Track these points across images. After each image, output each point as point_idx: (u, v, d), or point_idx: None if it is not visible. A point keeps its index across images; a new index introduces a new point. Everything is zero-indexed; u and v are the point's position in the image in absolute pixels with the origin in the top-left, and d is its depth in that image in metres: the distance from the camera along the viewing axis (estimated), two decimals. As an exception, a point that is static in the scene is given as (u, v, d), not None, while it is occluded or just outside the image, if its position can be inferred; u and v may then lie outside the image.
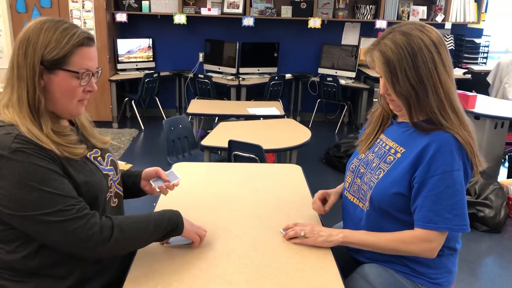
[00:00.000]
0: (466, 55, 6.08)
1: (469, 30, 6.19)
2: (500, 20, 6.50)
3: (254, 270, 1.28)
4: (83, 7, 5.32)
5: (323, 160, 4.71)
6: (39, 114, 1.17)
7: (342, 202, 1.61)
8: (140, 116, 5.76)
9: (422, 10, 5.89)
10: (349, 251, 1.53)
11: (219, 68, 5.91)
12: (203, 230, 1.39)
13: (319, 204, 1.61)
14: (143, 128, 5.67)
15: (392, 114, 1.50)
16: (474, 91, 4.29)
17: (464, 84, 5.46)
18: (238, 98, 5.54)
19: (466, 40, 6.05)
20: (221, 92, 5.65)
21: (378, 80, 1.42)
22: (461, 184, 1.28)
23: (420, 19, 5.83)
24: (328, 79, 5.62)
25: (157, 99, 5.93)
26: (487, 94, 5.23)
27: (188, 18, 5.73)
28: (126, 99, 5.90)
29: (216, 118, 5.02)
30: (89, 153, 1.29)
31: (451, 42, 6.16)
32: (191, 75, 5.85)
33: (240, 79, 5.69)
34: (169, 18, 5.79)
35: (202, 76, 5.52)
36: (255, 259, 1.33)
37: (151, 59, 6.01)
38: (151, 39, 5.95)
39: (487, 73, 5.48)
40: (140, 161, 4.57)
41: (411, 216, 1.35)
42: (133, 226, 1.21)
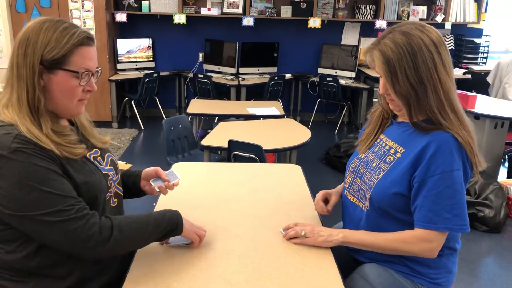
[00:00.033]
0: (466, 55, 6.08)
1: (469, 30, 6.19)
2: (500, 20, 6.50)
3: (254, 270, 1.28)
4: (82, 7, 5.32)
5: (323, 160, 4.71)
6: (39, 114, 1.16)
7: (342, 202, 1.61)
8: (139, 116, 5.75)
9: (422, 10, 5.89)
10: (349, 251, 1.53)
11: (219, 68, 5.90)
12: (202, 230, 1.39)
13: (321, 205, 1.60)
14: (142, 128, 5.67)
15: (392, 114, 1.50)
16: (474, 91, 4.29)
17: (464, 84, 5.46)
18: (238, 98, 5.54)
19: (466, 40, 6.05)
20: (221, 92, 5.65)
21: (378, 80, 1.41)
22: (460, 184, 1.28)
23: (420, 19, 5.83)
24: (328, 79, 5.62)
25: (157, 99, 5.92)
26: (487, 94, 5.24)
27: (188, 18, 5.73)
28: (126, 99, 5.90)
29: (216, 118, 5.02)
30: (88, 153, 1.29)
31: (451, 42, 6.16)
32: (191, 75, 5.85)
33: (240, 79, 5.69)
34: (169, 18, 5.79)
35: (202, 76, 5.52)
36: (255, 259, 1.33)
37: (151, 59, 6.01)
38: (151, 39, 5.95)
39: (487, 73, 5.48)
40: (139, 161, 4.57)
41: (411, 216, 1.35)
42: (132, 226, 1.21)
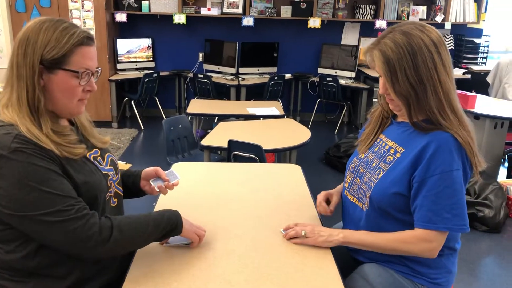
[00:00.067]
0: (465, 55, 6.08)
1: (468, 30, 6.19)
2: (499, 20, 6.50)
3: (254, 270, 1.28)
4: (82, 7, 5.32)
5: (323, 160, 4.71)
6: (39, 114, 1.16)
7: (342, 202, 1.61)
8: (139, 116, 5.75)
9: (422, 10, 5.89)
10: (349, 251, 1.53)
11: (219, 68, 5.90)
12: (202, 230, 1.39)
13: (324, 206, 1.60)
14: (142, 128, 5.67)
15: (391, 114, 1.50)
16: (473, 91, 4.30)
17: (464, 84, 5.46)
18: (238, 98, 5.53)
19: (465, 40, 6.05)
20: (220, 92, 5.65)
21: (378, 80, 1.41)
22: (460, 184, 1.28)
23: (420, 19, 5.83)
24: (328, 79, 5.62)
25: (156, 99, 5.92)
26: (487, 94, 5.24)
27: (188, 18, 5.73)
28: (126, 99, 5.90)
29: (216, 118, 5.02)
30: (88, 153, 1.28)
31: (451, 42, 6.16)
32: (190, 75, 5.85)
33: (240, 79, 5.68)
34: (168, 18, 5.79)
35: (202, 76, 5.51)
36: (255, 259, 1.33)
37: (151, 59, 6.01)
38: (150, 39, 5.95)
39: (486, 73, 5.48)
40: (139, 161, 4.57)
41: (411, 216, 1.35)
42: (132, 226, 1.21)
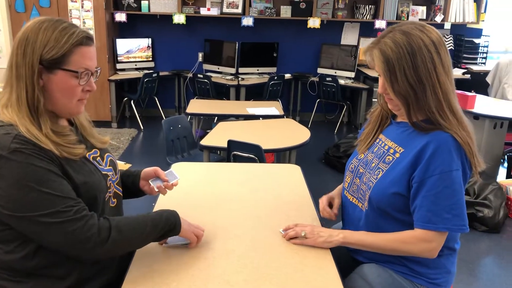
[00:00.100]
0: (465, 55, 6.08)
1: (468, 30, 6.19)
2: (499, 20, 6.51)
3: (253, 270, 1.28)
4: (82, 7, 5.32)
5: (323, 160, 4.71)
6: (38, 114, 1.16)
7: (342, 202, 1.61)
8: (139, 116, 5.75)
9: (422, 10, 5.89)
10: (348, 251, 1.53)
11: (219, 68, 5.90)
12: (200, 229, 1.39)
13: (329, 211, 1.60)
14: (142, 128, 5.67)
15: (391, 114, 1.50)
16: (473, 91, 4.30)
17: (463, 84, 5.46)
18: (238, 98, 5.53)
19: (465, 40, 6.05)
20: (220, 92, 5.65)
21: (377, 80, 1.41)
22: (459, 184, 1.28)
23: (419, 19, 5.83)
24: (328, 79, 5.62)
25: (156, 99, 5.92)
26: (486, 94, 5.24)
27: (188, 18, 5.73)
28: (125, 99, 5.89)
29: (216, 118, 5.02)
30: (88, 153, 1.28)
31: (450, 42, 6.16)
32: (190, 75, 5.85)
33: (240, 79, 5.68)
34: (168, 18, 5.79)
35: (202, 76, 5.51)
36: (254, 259, 1.33)
37: (150, 59, 6.00)
38: (150, 39, 5.94)
39: (486, 73, 5.48)
40: (139, 161, 4.57)
41: (410, 216, 1.35)
42: (130, 227, 1.21)
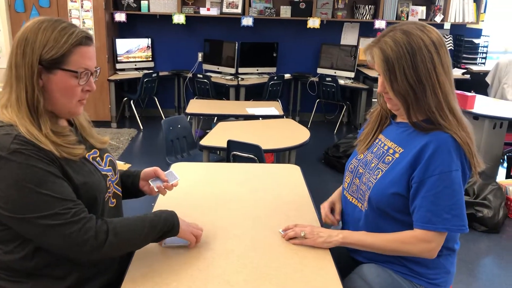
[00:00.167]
0: (465, 55, 6.08)
1: (468, 30, 6.19)
2: (499, 20, 6.51)
3: (253, 270, 1.28)
4: (82, 7, 5.32)
5: (322, 160, 4.71)
6: (38, 114, 1.16)
7: (341, 202, 1.61)
8: (139, 116, 5.75)
9: (421, 10, 5.89)
10: (347, 251, 1.53)
11: (218, 68, 5.90)
12: (199, 229, 1.39)
13: (331, 218, 1.60)
14: (141, 128, 5.67)
15: (390, 114, 1.50)
16: (473, 91, 4.30)
17: (463, 84, 5.47)
18: (237, 98, 5.53)
19: (465, 40, 6.06)
20: (220, 92, 5.65)
21: (377, 80, 1.41)
22: (459, 184, 1.28)
23: (419, 19, 5.83)
24: (327, 79, 5.62)
25: (156, 99, 5.92)
26: (486, 94, 5.25)
27: (187, 18, 5.73)
28: (125, 99, 5.89)
29: (215, 118, 5.02)
30: (87, 153, 1.28)
31: (450, 42, 6.16)
32: (190, 75, 5.85)
33: (239, 79, 5.68)
34: (168, 18, 5.79)
35: (201, 76, 5.51)
36: (254, 259, 1.33)
37: (150, 59, 6.00)
38: (150, 39, 5.94)
39: (486, 73, 5.49)
40: (138, 161, 4.57)
41: (409, 217, 1.35)
42: (128, 228, 1.21)
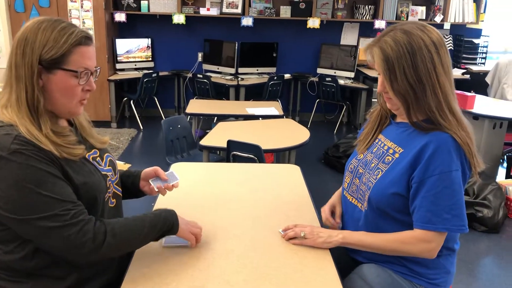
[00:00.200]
0: (464, 55, 6.08)
1: (467, 31, 6.19)
2: (498, 20, 6.51)
3: (252, 270, 1.28)
4: (81, 7, 5.32)
5: (322, 160, 4.71)
6: (38, 114, 1.16)
7: (341, 202, 1.61)
8: (138, 116, 5.75)
9: (421, 10, 5.89)
10: (347, 251, 1.53)
11: (218, 68, 5.90)
12: (198, 227, 1.38)
13: (332, 221, 1.60)
14: (141, 128, 5.67)
15: (390, 113, 1.50)
16: (472, 91, 4.30)
17: (463, 84, 5.47)
18: (237, 98, 5.53)
19: (464, 41, 6.06)
20: (220, 92, 5.65)
21: (377, 80, 1.41)
22: (459, 184, 1.28)
23: (419, 19, 5.83)
24: (327, 79, 5.62)
25: (155, 99, 5.92)
26: (486, 94, 5.25)
27: (187, 18, 5.73)
28: (125, 99, 5.89)
29: (215, 118, 5.02)
30: (87, 153, 1.28)
31: (450, 42, 6.16)
32: (190, 75, 5.85)
33: (239, 79, 5.68)
34: (168, 18, 5.79)
35: (201, 76, 5.51)
36: (254, 259, 1.33)
37: (150, 59, 6.00)
38: (150, 39, 5.94)
39: (485, 73, 5.49)
40: (138, 161, 4.56)
41: (409, 217, 1.35)
42: (127, 229, 1.21)
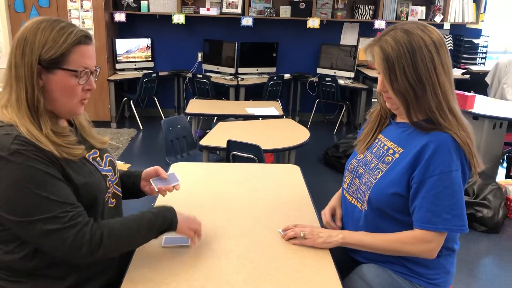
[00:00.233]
0: (464, 56, 6.08)
1: (467, 31, 6.19)
2: (498, 20, 6.51)
3: (252, 270, 1.28)
4: (81, 7, 5.31)
5: (322, 160, 4.71)
6: (38, 114, 1.16)
7: (341, 202, 1.61)
8: (138, 116, 5.75)
9: (421, 10, 5.89)
10: (347, 251, 1.53)
11: (218, 68, 5.90)
12: (197, 222, 1.38)
13: (333, 225, 1.60)
14: (141, 128, 5.67)
15: (390, 113, 1.49)
16: (472, 91, 4.30)
17: (463, 84, 5.47)
18: (237, 98, 5.53)
19: (464, 41, 6.06)
20: (219, 92, 5.64)
21: (377, 80, 1.41)
22: (459, 184, 1.28)
23: (419, 19, 5.83)
24: (327, 79, 5.62)
25: (155, 99, 5.92)
26: (486, 94, 5.25)
27: (187, 18, 5.73)
28: (125, 99, 5.89)
29: (215, 118, 5.02)
30: (87, 153, 1.28)
31: (450, 42, 6.16)
32: (189, 75, 5.85)
33: (239, 79, 5.68)
34: (167, 18, 5.79)
35: (201, 76, 5.51)
36: (254, 259, 1.33)
37: (150, 59, 6.00)
38: (149, 39, 5.94)
39: (485, 73, 5.49)
40: (138, 161, 4.56)
41: (409, 217, 1.34)
42: (126, 228, 1.20)
